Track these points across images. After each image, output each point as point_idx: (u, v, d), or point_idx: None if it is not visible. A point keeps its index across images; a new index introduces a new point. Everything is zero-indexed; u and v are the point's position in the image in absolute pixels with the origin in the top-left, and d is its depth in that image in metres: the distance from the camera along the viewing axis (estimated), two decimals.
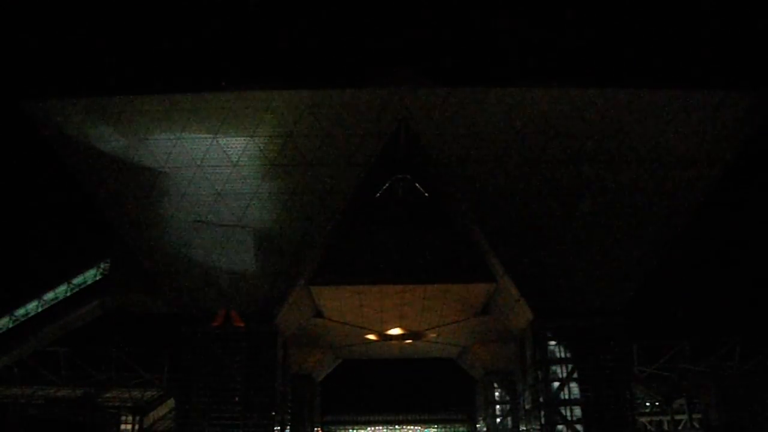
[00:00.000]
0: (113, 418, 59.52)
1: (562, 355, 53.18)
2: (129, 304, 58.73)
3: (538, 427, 53.18)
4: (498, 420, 78.62)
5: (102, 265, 57.36)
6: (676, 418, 63.19)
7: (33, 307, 56.06)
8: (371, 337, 69.87)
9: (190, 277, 51.78)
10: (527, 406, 57.99)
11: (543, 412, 52.59)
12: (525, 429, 60.63)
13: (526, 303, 52.49)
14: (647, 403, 66.90)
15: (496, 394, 79.92)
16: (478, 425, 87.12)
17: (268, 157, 48.04)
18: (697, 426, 60.28)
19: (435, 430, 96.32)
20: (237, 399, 51.55)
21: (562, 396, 52.30)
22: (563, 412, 52.08)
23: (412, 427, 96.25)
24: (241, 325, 52.33)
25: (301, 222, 49.90)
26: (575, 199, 49.34)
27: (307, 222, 49.86)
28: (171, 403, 62.40)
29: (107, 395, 63.48)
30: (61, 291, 56.61)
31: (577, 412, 51.83)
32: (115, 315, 59.36)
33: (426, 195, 55.90)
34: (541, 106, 46.85)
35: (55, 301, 56.23)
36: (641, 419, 64.21)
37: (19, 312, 55.90)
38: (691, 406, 61.21)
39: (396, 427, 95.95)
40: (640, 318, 59.04)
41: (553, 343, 53.36)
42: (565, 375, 52.60)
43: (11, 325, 55.45)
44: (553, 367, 53.08)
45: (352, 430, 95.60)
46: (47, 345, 59.65)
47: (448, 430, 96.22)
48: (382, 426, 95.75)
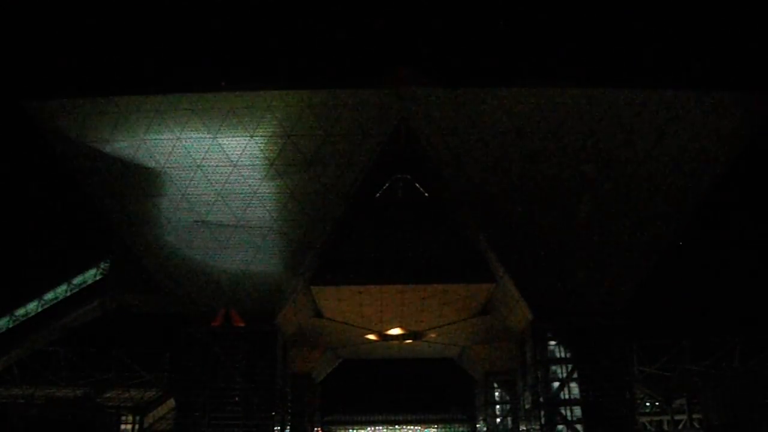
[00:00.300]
0: (113, 418, 59.43)
1: (562, 355, 53.27)
2: (129, 304, 58.84)
3: (538, 427, 53.22)
4: (498, 420, 78.69)
5: (102, 265, 57.52)
6: (676, 418, 63.09)
7: (33, 307, 56.18)
8: (371, 337, 69.88)
9: (190, 277, 51.84)
10: (527, 406, 58.05)
11: (543, 412, 52.66)
12: (525, 429, 60.65)
13: (526, 303, 52.58)
14: (647, 403, 66.83)
15: (496, 394, 80.00)
16: (478, 425, 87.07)
17: (268, 157, 48.06)
18: (697, 426, 60.20)
19: (435, 430, 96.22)
20: (237, 399, 51.65)
21: (562, 396, 52.39)
22: (563, 412, 52.16)
23: (412, 427, 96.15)
24: (241, 325, 52.41)
25: (301, 222, 49.95)
26: (575, 199, 49.38)
27: (307, 222, 49.92)
28: (171, 403, 62.39)
29: (107, 395, 63.46)
30: (61, 291, 56.74)
31: (577, 412, 51.95)
32: (115, 315, 59.45)
33: (426, 195, 55.92)
34: (541, 106, 46.84)
35: (55, 301, 56.36)
36: (641, 419, 64.10)
37: (19, 312, 56.05)
38: (691, 406, 61.12)
39: (396, 427, 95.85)
40: (640, 318, 59.12)
41: (553, 343, 53.49)
42: (565, 375, 52.67)
43: (11, 325, 55.56)
44: (553, 367, 53.19)
45: (352, 430, 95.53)
46: (47, 345, 59.78)
47: (448, 430, 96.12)
48: (382, 426, 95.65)
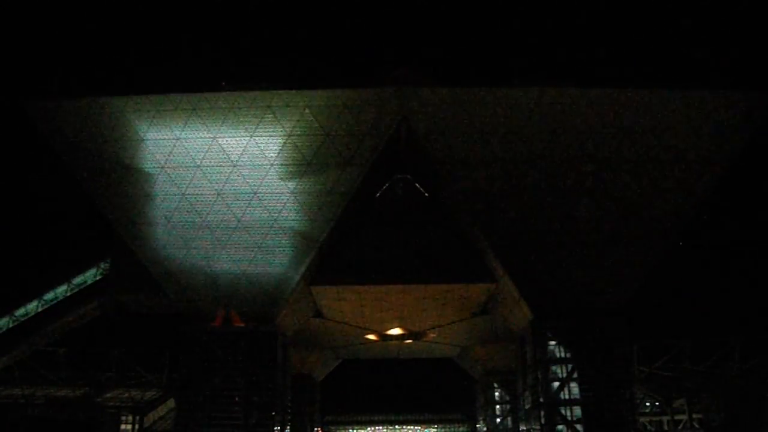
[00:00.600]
0: (113, 418, 59.43)
1: (562, 355, 53.21)
2: (129, 304, 58.81)
3: (538, 427, 53.19)
4: (498, 420, 78.66)
5: (102, 265, 57.51)
6: (676, 418, 63.01)
7: (33, 307, 56.20)
8: (371, 337, 69.86)
9: (190, 277, 51.80)
10: (527, 406, 58.00)
11: (543, 412, 52.60)
12: (525, 429, 60.65)
13: (526, 303, 52.56)
14: (647, 403, 66.78)
15: (496, 394, 79.96)
16: (478, 425, 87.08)
17: (268, 157, 48.06)
18: (697, 426, 60.16)
19: (435, 430, 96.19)
20: (237, 399, 51.62)
21: (562, 396, 52.32)
22: (563, 412, 52.12)
23: (412, 427, 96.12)
24: (241, 325, 52.39)
25: (301, 222, 49.95)
26: (575, 199, 49.37)
27: (307, 222, 49.93)
28: (171, 403, 62.35)
29: (107, 395, 63.42)
30: (61, 291, 56.77)
31: (577, 412, 51.88)
32: (115, 315, 59.44)
33: (426, 195, 55.92)
34: (541, 106, 46.84)
35: (55, 301, 56.37)
36: (641, 419, 64.06)
37: (19, 312, 56.07)
38: (691, 406, 61.08)
39: (396, 427, 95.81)
40: (640, 318, 59.06)
41: (553, 343, 53.42)
42: (565, 375, 52.63)
43: (11, 325, 55.57)
44: (553, 367, 53.11)
45: (352, 430, 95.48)
46: (47, 345, 59.76)
47: (448, 430, 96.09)
48: (382, 426, 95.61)
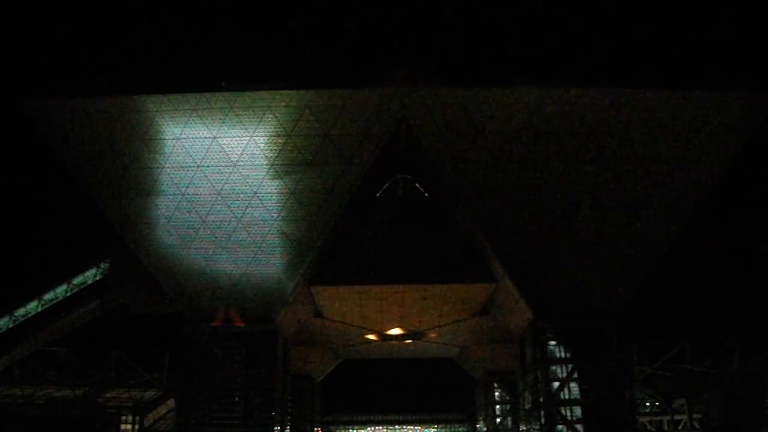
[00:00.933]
0: (113, 418, 59.41)
1: (562, 355, 53.26)
2: (129, 304, 58.84)
3: (538, 427, 53.23)
4: (498, 420, 78.64)
5: (102, 265, 57.55)
6: (676, 418, 62.95)
7: (33, 307, 56.23)
8: (371, 337, 69.85)
9: (190, 276, 51.84)
10: (527, 406, 58.03)
11: (543, 412, 52.65)
12: (525, 429, 60.65)
13: (526, 303, 52.57)
14: (647, 403, 66.76)
15: (496, 394, 79.91)
16: (478, 425, 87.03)
17: (268, 157, 48.08)
18: (697, 426, 60.13)
19: (435, 430, 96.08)
20: (237, 399, 51.64)
21: (562, 396, 52.37)
22: (563, 412, 52.15)
23: (412, 427, 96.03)
24: (241, 325, 52.40)
25: (301, 222, 49.95)
26: (575, 199, 49.39)
27: (307, 222, 49.92)
28: (171, 403, 62.31)
29: (107, 395, 63.38)
30: (61, 291, 56.83)
31: (577, 412, 51.96)
32: (115, 315, 59.48)
33: (426, 195, 55.92)
34: (541, 106, 46.86)
35: (55, 301, 56.39)
36: (641, 419, 64.03)
37: (19, 312, 56.09)
38: (691, 406, 61.07)
39: (396, 427, 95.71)
40: (640, 318, 58.99)
41: (553, 343, 53.47)
42: (565, 375, 52.66)
43: (11, 325, 55.58)
44: (553, 367, 53.17)
45: (352, 430, 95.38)
46: (47, 345, 59.73)
47: (448, 430, 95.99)
48: (382, 426, 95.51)
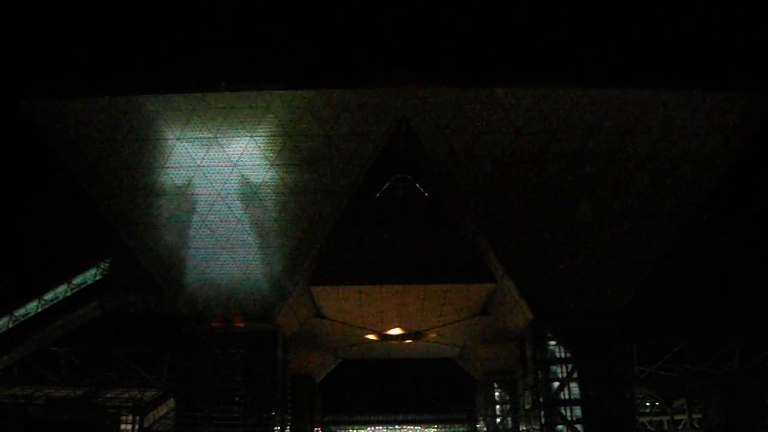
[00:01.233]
0: (113, 418, 59.42)
1: (562, 355, 53.28)
2: (129, 304, 58.79)
3: (538, 427, 53.24)
4: (498, 420, 78.68)
5: (102, 265, 57.47)
6: (676, 418, 63.11)
7: (33, 307, 56.11)
8: (371, 337, 69.87)
9: (190, 277, 51.81)
10: (527, 406, 58.11)
11: (543, 412, 52.65)
12: (525, 429, 60.74)
13: (526, 303, 52.57)
14: (647, 403, 66.83)
15: (496, 394, 79.94)
16: (478, 425, 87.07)
17: (268, 157, 48.05)
18: (697, 426, 60.23)
19: (435, 430, 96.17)
20: (237, 399, 51.64)
21: (562, 396, 52.39)
22: (563, 412, 52.16)
23: (412, 427, 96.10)
24: (241, 325, 52.39)
25: (301, 222, 49.94)
26: (575, 199, 49.37)
27: (307, 222, 49.91)
28: (171, 403, 62.36)
29: (107, 395, 63.41)
30: (61, 291, 56.68)
31: (577, 412, 51.95)
32: (115, 315, 59.43)
33: (426, 195, 55.92)
34: (541, 106, 46.80)
35: (55, 301, 56.30)
36: (641, 419, 64.13)
37: (19, 312, 55.97)
38: (691, 406, 61.14)
39: (396, 427, 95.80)
40: (640, 318, 59.04)
41: (553, 343, 53.49)
42: (565, 375, 52.68)
43: (11, 325, 55.51)
44: (553, 367, 53.18)
45: (352, 430, 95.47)
46: (47, 345, 59.71)
47: (448, 430, 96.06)
48: (382, 426, 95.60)
